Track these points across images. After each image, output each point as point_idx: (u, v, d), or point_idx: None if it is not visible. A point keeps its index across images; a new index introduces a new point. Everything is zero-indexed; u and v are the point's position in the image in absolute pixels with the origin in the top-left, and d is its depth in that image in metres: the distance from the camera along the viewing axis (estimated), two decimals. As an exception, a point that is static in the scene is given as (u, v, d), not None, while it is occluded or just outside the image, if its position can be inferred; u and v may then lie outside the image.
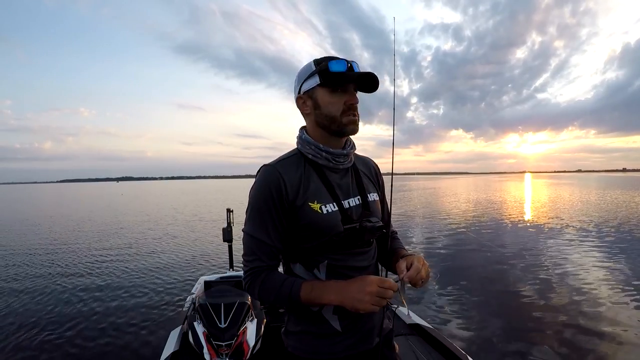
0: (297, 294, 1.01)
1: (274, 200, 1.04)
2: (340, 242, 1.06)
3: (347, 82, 1.04)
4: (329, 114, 1.06)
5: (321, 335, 1.09)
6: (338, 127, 1.07)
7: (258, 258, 1.06)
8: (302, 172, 1.09)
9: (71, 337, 4.18)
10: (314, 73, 1.06)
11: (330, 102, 1.05)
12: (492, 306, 4.90)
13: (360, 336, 1.10)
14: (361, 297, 0.94)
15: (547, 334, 4.02)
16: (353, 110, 1.07)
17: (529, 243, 9.16)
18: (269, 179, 1.05)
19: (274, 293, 1.04)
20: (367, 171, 1.24)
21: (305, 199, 1.05)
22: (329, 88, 1.05)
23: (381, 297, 0.94)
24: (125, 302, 5.31)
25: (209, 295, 2.66)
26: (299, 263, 1.10)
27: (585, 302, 4.91)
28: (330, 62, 1.04)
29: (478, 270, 6.72)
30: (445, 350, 2.46)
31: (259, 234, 1.05)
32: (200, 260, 7.94)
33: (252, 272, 1.06)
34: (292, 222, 1.06)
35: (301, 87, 1.10)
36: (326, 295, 1.00)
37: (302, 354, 1.10)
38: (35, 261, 8.29)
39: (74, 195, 49.05)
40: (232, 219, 3.88)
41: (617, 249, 8.20)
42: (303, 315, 1.10)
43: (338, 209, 1.07)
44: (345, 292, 0.97)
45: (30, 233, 13.04)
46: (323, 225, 1.05)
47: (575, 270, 6.49)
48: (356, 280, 0.99)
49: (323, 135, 1.10)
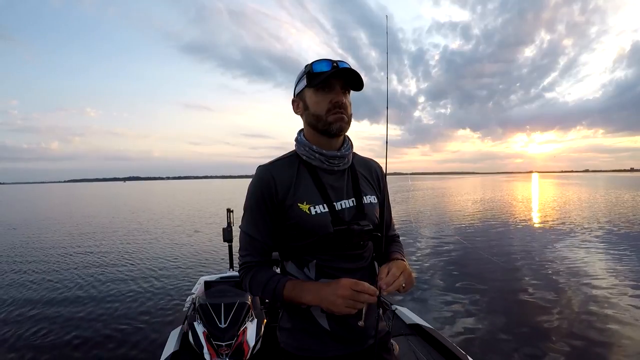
0: (280, 291, 1.05)
1: (265, 199, 1.09)
2: (329, 243, 1.07)
3: (327, 79, 1.06)
4: (315, 112, 1.10)
5: (311, 333, 1.10)
6: (324, 125, 1.09)
7: (250, 254, 1.12)
8: (294, 172, 1.12)
9: (71, 337, 4.20)
10: (303, 76, 1.11)
11: (316, 101, 1.09)
12: (493, 306, 4.88)
13: (351, 337, 1.11)
14: (334, 300, 0.96)
15: (548, 334, 3.99)
16: (339, 108, 1.08)
17: (533, 243, 9.10)
18: (261, 179, 1.10)
19: (261, 288, 1.08)
20: (367, 173, 1.24)
21: (295, 199, 1.08)
22: (315, 88, 1.08)
23: (355, 300, 0.94)
24: (126, 302, 5.34)
25: (209, 295, 2.67)
26: (291, 261, 1.13)
27: (587, 302, 4.87)
28: (314, 63, 1.08)
29: (479, 270, 6.69)
30: (445, 350, 2.45)
31: (250, 231, 1.11)
32: (200, 260, 7.98)
33: (244, 266, 1.13)
34: (281, 221, 1.10)
35: (295, 90, 1.16)
36: (304, 296, 1.02)
37: (294, 350, 1.12)
38: (35, 261, 8.34)
39: (81, 195, 49.44)
40: (232, 219, 3.89)
41: (625, 249, 8.11)
42: (295, 312, 1.12)
43: (328, 210, 1.08)
44: (321, 293, 0.99)
45: (31, 233, 13.16)
46: (310, 225, 1.06)
47: (578, 270, 6.43)
48: (331, 283, 1.00)
49: (315, 136, 1.13)
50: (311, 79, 1.08)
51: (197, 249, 9.33)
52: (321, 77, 1.06)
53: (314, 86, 1.08)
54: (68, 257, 8.74)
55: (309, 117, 1.12)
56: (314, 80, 1.07)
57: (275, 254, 1.17)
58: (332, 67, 1.06)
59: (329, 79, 1.06)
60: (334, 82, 1.08)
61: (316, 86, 1.07)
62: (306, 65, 1.11)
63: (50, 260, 8.36)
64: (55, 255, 8.90)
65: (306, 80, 1.10)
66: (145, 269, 7.35)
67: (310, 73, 1.08)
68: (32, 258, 8.68)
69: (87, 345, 4.01)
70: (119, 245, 10.12)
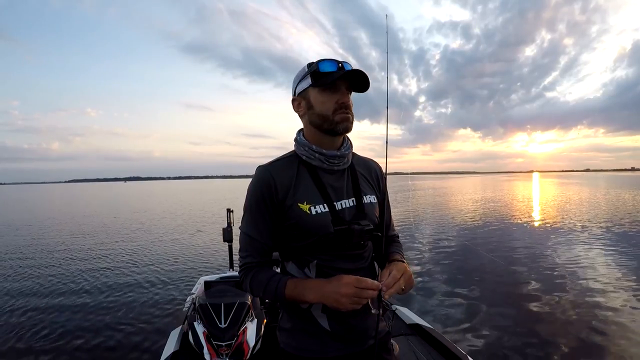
0: (282, 291, 1.05)
1: (265, 200, 1.09)
2: (329, 243, 1.07)
3: (336, 79, 1.06)
4: (321, 112, 1.09)
5: (311, 333, 1.10)
6: (330, 125, 1.09)
7: (250, 254, 1.12)
8: (294, 172, 1.11)
9: (71, 337, 4.21)
10: (307, 75, 1.10)
11: (322, 101, 1.09)
12: (493, 306, 4.87)
13: (351, 337, 1.11)
14: (337, 298, 0.96)
15: (548, 334, 3.98)
16: (345, 109, 1.09)
17: (533, 243, 9.08)
18: (261, 179, 1.09)
19: (262, 288, 1.08)
20: (366, 173, 1.24)
21: (295, 200, 1.08)
22: (320, 88, 1.08)
23: (358, 296, 0.95)
24: (126, 302, 5.34)
25: (209, 295, 2.67)
26: (291, 261, 1.12)
27: (588, 303, 4.86)
28: (321, 62, 1.07)
29: (480, 270, 6.69)
30: (445, 350, 2.45)
31: (250, 232, 1.11)
32: (200, 260, 7.98)
33: (245, 267, 1.12)
34: (281, 221, 1.10)
35: (296, 90, 1.14)
36: (307, 293, 1.02)
37: (294, 350, 1.12)
38: (34, 260, 8.36)
39: (82, 195, 49.49)
40: (232, 219, 3.89)
41: (626, 249, 8.11)
42: (295, 312, 1.12)
43: (329, 210, 1.09)
44: (324, 290, 0.99)
45: (31, 233, 13.16)
46: (311, 225, 1.07)
47: (579, 271, 6.42)
48: (332, 281, 1.00)
49: (317, 135, 1.13)
50: (317, 78, 1.08)
51: (198, 249, 9.33)
52: (330, 77, 1.06)
53: (320, 86, 1.08)
54: (69, 257, 8.74)
55: (313, 117, 1.11)
56: (320, 80, 1.07)
57: (275, 254, 1.17)
58: (338, 67, 1.07)
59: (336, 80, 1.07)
60: (340, 83, 1.09)
61: (323, 86, 1.07)
62: (309, 64, 1.10)
63: (51, 260, 8.36)
64: (56, 256, 8.91)
65: (311, 80, 1.09)
66: (145, 269, 7.35)
67: (317, 72, 1.07)
68: (33, 258, 8.68)
69: (87, 344, 4.01)
70: (119, 245, 10.12)
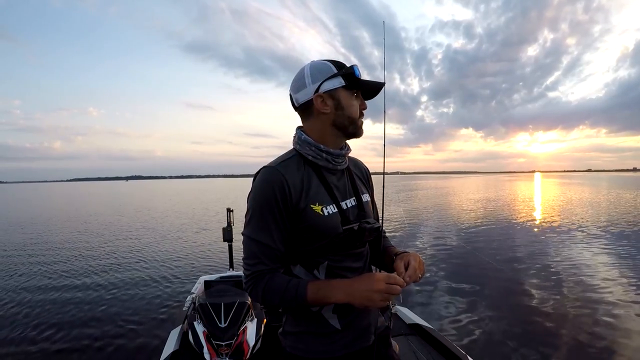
0: (303, 295, 1.01)
1: (278, 203, 1.03)
2: (339, 243, 1.08)
3: (372, 88, 1.13)
4: (351, 115, 1.11)
5: (320, 334, 1.10)
6: (355, 129, 1.13)
7: (261, 262, 1.04)
8: (303, 173, 1.09)
9: (71, 337, 4.21)
10: (337, 75, 1.08)
11: (352, 104, 1.11)
12: (494, 306, 4.87)
13: (358, 334, 1.13)
14: (369, 295, 0.97)
15: (549, 334, 3.98)
16: (362, 115, 1.14)
17: (534, 244, 9.07)
18: (272, 181, 1.04)
19: (279, 295, 1.03)
20: (359, 172, 1.27)
21: (308, 202, 1.06)
22: (352, 91, 1.10)
23: (389, 292, 0.97)
24: (125, 302, 5.35)
25: (209, 294, 2.68)
26: (299, 265, 1.10)
27: (588, 303, 4.85)
28: (354, 67, 1.11)
29: (480, 270, 6.70)
30: (445, 350, 2.46)
31: (261, 237, 1.04)
32: (200, 260, 7.99)
33: (255, 275, 1.05)
34: (294, 225, 1.06)
35: (320, 86, 1.08)
36: (334, 294, 1.01)
37: (301, 353, 1.11)
38: (34, 260, 8.37)
39: (84, 194, 49.60)
40: (232, 219, 3.90)
41: (628, 249, 8.09)
42: (302, 315, 1.11)
43: (337, 211, 1.09)
44: (354, 290, 1.00)
45: (34, 232, 13.21)
46: (324, 227, 1.06)
47: (580, 271, 6.41)
48: (363, 278, 1.02)
49: (328, 136, 1.12)
50: (352, 82, 1.09)
51: (198, 248, 9.34)
52: (368, 85, 1.13)
53: (353, 90, 1.11)
54: (70, 256, 8.77)
55: (342, 118, 1.10)
56: (355, 84, 1.10)
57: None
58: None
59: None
60: (359, 90, 1.14)
61: (357, 89, 1.12)
62: (337, 63, 1.10)
63: (52, 260, 8.39)
64: (57, 255, 8.94)
65: (344, 81, 1.09)
66: (145, 268, 7.37)
67: (352, 76, 1.09)
68: (33, 257, 8.71)
69: (87, 344, 4.02)
70: (119, 245, 10.15)
